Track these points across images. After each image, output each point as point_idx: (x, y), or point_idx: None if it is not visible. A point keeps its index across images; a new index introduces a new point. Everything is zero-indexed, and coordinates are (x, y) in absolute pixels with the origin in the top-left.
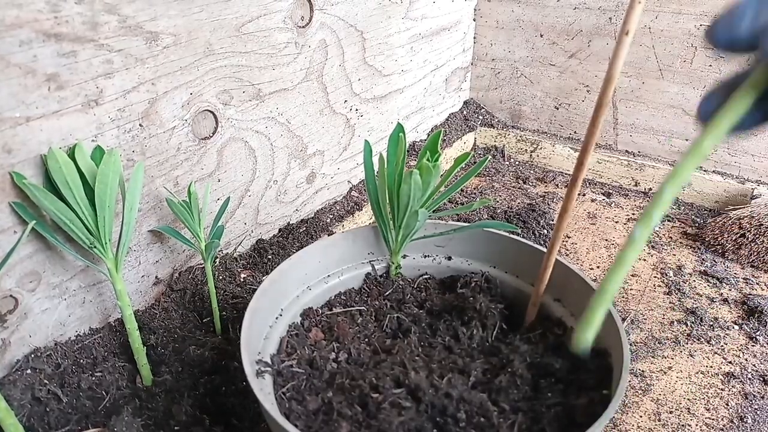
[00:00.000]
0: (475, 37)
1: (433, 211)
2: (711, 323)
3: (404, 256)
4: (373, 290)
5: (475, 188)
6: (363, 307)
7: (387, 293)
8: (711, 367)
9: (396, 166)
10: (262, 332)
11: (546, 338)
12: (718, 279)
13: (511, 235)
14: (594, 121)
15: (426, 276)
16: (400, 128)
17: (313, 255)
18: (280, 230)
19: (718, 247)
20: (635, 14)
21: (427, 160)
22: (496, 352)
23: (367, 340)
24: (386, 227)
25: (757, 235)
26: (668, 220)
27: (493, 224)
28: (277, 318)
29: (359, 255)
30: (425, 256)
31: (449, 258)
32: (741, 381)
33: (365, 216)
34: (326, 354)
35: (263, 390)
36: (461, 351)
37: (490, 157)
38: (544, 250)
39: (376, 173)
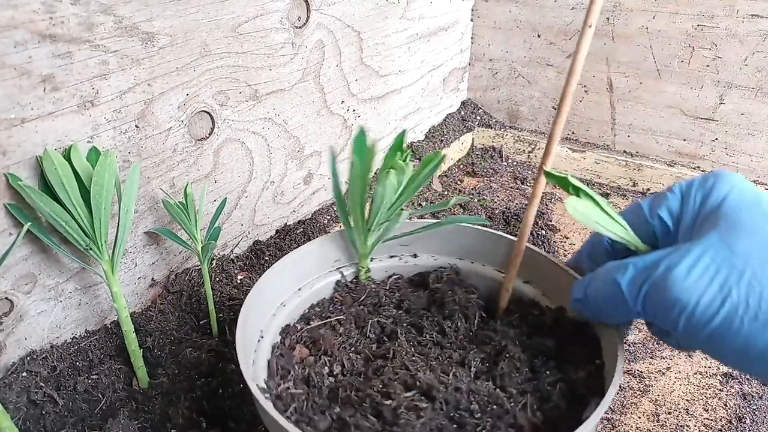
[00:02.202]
0: (472, 38)
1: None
2: None
3: (371, 260)
4: (347, 297)
5: (473, 188)
6: (341, 316)
7: (362, 299)
8: (709, 367)
9: (366, 170)
10: (248, 358)
11: (526, 320)
12: None
13: (474, 226)
14: (559, 113)
15: (396, 276)
16: (362, 133)
17: (284, 270)
18: (277, 231)
19: None
20: (597, 8)
21: (395, 159)
22: (488, 340)
23: (353, 349)
24: (358, 232)
25: None
26: None
27: (463, 219)
28: (258, 341)
29: (326, 264)
30: (391, 257)
31: (415, 256)
32: (739, 381)
33: None
34: (320, 369)
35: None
36: (451, 345)
37: (444, 153)
38: (509, 236)
39: (344, 180)
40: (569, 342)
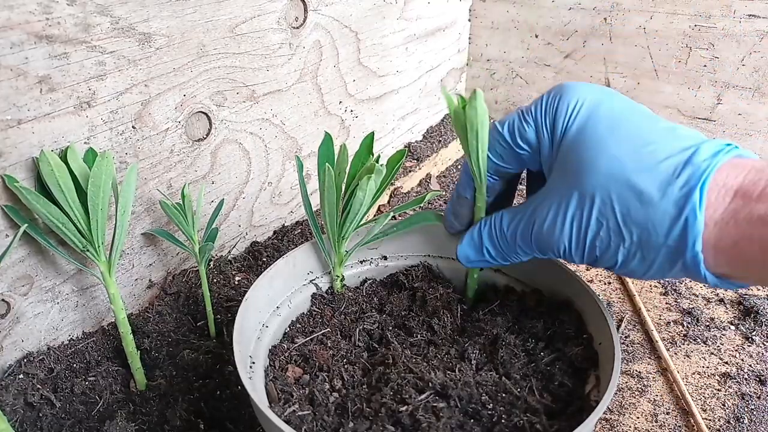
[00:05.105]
0: (470, 38)
1: (379, 209)
2: (707, 324)
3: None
4: (326, 310)
5: None
6: (326, 330)
7: (341, 309)
8: (707, 367)
9: (341, 177)
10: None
11: (507, 306)
12: None
13: (437, 222)
14: None
15: (369, 281)
16: (329, 138)
17: (262, 290)
18: (274, 232)
19: None
20: None
21: (369, 162)
22: (479, 331)
23: (347, 360)
24: (333, 240)
25: None
26: None
27: (430, 215)
28: (251, 367)
29: (300, 278)
30: (362, 262)
31: (385, 258)
32: (737, 381)
33: None
34: (321, 386)
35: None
36: (443, 341)
37: (405, 150)
38: None
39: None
40: (554, 321)
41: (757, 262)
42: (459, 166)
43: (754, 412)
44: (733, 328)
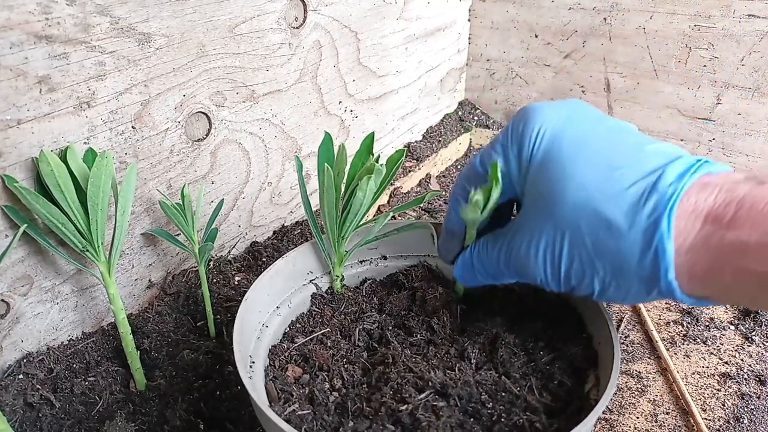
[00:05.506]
0: (469, 38)
1: (378, 209)
2: (707, 324)
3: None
4: (326, 309)
5: None
6: (326, 329)
7: (341, 308)
8: (707, 367)
9: (339, 177)
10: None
11: (507, 306)
12: None
13: (436, 222)
14: None
15: (369, 281)
16: (329, 138)
17: (262, 290)
18: (274, 232)
19: None
20: None
21: (369, 162)
22: (479, 331)
23: (346, 360)
24: (333, 240)
25: None
26: None
27: (423, 224)
28: (251, 366)
29: (299, 278)
30: (361, 262)
31: (385, 258)
32: (737, 381)
33: None
34: (320, 386)
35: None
36: (443, 340)
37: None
38: None
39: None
40: (554, 321)
41: (733, 288)
42: (459, 167)
43: (754, 412)
44: (732, 328)
